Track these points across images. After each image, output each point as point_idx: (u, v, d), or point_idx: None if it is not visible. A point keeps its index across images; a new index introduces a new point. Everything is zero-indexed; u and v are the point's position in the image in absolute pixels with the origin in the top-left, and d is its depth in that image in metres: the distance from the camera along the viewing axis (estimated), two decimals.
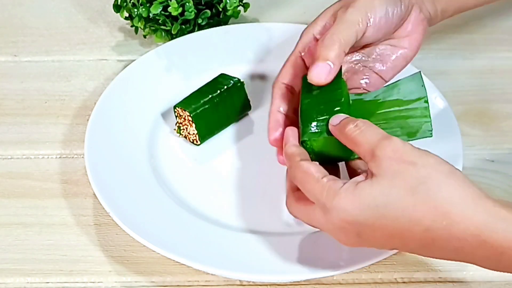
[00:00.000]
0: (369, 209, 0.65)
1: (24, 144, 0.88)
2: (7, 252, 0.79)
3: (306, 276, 0.75)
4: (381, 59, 0.80)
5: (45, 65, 0.96)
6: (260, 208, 0.81)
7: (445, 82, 0.92)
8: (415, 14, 0.79)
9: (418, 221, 0.64)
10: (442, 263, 0.78)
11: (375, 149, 0.66)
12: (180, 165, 0.84)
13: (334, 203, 0.66)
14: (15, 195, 0.83)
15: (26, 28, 1.01)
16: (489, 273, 0.77)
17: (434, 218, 0.64)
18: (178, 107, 0.85)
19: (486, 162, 0.86)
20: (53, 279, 0.77)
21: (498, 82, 0.94)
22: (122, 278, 0.77)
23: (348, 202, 0.66)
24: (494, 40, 0.99)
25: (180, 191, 0.82)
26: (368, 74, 0.80)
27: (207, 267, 0.74)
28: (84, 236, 0.80)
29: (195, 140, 0.86)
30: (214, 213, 0.80)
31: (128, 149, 0.84)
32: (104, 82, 0.94)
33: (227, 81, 0.87)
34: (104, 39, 0.99)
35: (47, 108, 0.91)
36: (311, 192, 0.68)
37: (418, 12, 0.80)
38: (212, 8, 0.97)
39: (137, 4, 0.95)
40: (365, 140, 0.68)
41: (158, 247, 0.74)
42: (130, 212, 0.78)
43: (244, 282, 0.77)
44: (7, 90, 0.93)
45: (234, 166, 0.84)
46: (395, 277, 0.77)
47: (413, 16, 0.79)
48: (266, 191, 0.82)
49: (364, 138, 0.68)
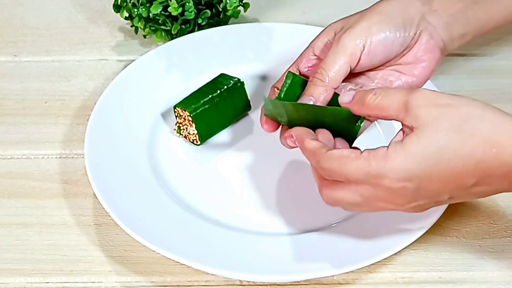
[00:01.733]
0: (424, 160, 0.66)
1: (24, 144, 0.88)
2: (7, 252, 0.79)
3: (306, 276, 0.75)
4: (383, 84, 0.78)
5: (45, 65, 0.96)
6: (260, 208, 0.81)
7: (445, 82, 0.92)
8: (425, 40, 0.77)
9: (471, 156, 0.65)
10: (442, 263, 0.78)
11: (407, 103, 0.66)
12: (180, 165, 0.84)
13: (388, 166, 0.66)
14: (15, 195, 0.83)
15: (26, 28, 1.01)
16: (489, 273, 0.77)
17: (484, 149, 0.65)
18: (178, 107, 0.85)
19: None
20: (53, 279, 0.77)
21: (498, 82, 0.94)
22: (122, 278, 0.77)
23: (402, 160, 0.66)
24: (494, 40, 0.99)
25: (180, 191, 0.82)
26: None
27: (207, 267, 0.74)
28: (84, 236, 0.80)
29: (195, 140, 0.86)
30: (214, 213, 0.80)
31: (128, 149, 0.84)
32: (104, 82, 0.94)
33: (227, 81, 0.87)
34: (104, 39, 0.99)
35: (47, 108, 0.91)
36: (355, 172, 0.67)
37: (427, 39, 0.77)
38: (212, 8, 0.97)
39: (137, 4, 0.95)
40: (392, 101, 0.68)
41: (158, 247, 0.74)
42: (130, 212, 0.78)
43: (244, 282, 0.77)
44: (7, 90, 0.93)
45: (234, 166, 0.84)
46: (395, 277, 0.77)
47: (423, 43, 0.77)
48: (266, 191, 0.82)
49: (389, 100, 0.68)
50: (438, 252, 0.79)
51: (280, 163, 0.84)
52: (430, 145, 0.65)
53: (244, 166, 0.84)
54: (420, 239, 0.77)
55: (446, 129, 0.65)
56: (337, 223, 0.79)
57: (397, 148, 0.66)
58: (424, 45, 0.77)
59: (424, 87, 0.82)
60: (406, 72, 0.78)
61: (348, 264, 0.74)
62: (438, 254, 0.79)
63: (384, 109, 0.68)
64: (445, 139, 0.65)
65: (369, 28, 0.75)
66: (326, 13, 1.02)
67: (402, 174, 0.66)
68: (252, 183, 0.83)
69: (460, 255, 0.79)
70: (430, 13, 0.78)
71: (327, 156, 0.69)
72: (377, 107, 0.68)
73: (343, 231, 0.78)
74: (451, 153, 0.65)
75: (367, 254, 0.74)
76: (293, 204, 0.81)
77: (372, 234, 0.77)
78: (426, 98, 0.67)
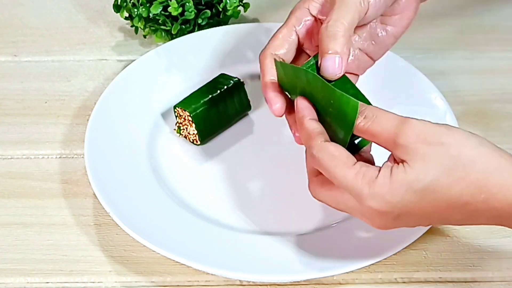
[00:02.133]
0: (407, 195, 0.65)
1: (24, 144, 0.88)
2: (7, 252, 0.79)
3: (306, 276, 0.75)
4: (371, 38, 0.77)
5: (45, 65, 0.96)
6: (260, 208, 0.81)
7: (445, 82, 0.92)
8: None
9: (457, 198, 0.64)
10: (442, 263, 0.78)
11: (395, 138, 0.65)
12: (180, 165, 0.84)
13: (371, 192, 0.65)
14: (15, 195, 0.83)
15: (26, 28, 1.01)
16: (489, 273, 0.77)
17: (472, 193, 0.64)
18: (178, 107, 0.85)
19: None
20: (53, 279, 0.77)
21: (498, 82, 0.94)
22: (122, 278, 0.77)
23: (386, 190, 0.65)
24: (494, 40, 0.99)
25: (180, 191, 0.82)
26: (360, 57, 0.77)
27: (207, 267, 0.74)
28: (84, 236, 0.80)
29: (195, 140, 0.86)
30: (214, 213, 0.80)
31: (128, 149, 0.84)
32: (104, 82, 0.94)
33: (227, 81, 0.87)
34: (104, 39, 0.99)
35: (47, 108, 0.91)
36: (341, 178, 0.66)
37: None
38: (212, 8, 0.97)
39: (137, 4, 0.95)
40: (382, 130, 0.66)
41: (158, 247, 0.74)
42: (130, 212, 0.78)
43: (244, 282, 0.77)
44: (7, 90, 0.93)
45: (234, 166, 0.84)
46: (395, 277, 0.77)
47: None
48: (266, 191, 0.82)
49: (380, 128, 0.66)
50: (438, 252, 0.79)
51: (280, 163, 0.84)
52: (417, 181, 0.64)
53: (244, 166, 0.84)
54: (420, 239, 0.77)
55: (434, 169, 0.64)
56: (337, 223, 0.79)
57: (386, 176, 0.65)
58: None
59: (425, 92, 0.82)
60: (389, 23, 0.76)
61: (348, 264, 0.74)
62: (438, 254, 0.79)
63: (374, 136, 0.67)
64: (432, 179, 0.64)
65: None
66: None
67: (382, 204, 0.65)
68: (252, 183, 0.83)
69: (460, 255, 0.79)
70: None
71: (321, 146, 0.67)
72: (367, 132, 0.67)
73: (343, 231, 0.78)
74: (438, 194, 0.65)
75: (367, 254, 0.74)
76: (293, 204, 0.81)
77: (372, 234, 0.77)
78: (417, 134, 0.64)
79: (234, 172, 0.84)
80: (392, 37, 0.77)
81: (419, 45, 0.98)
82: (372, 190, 0.65)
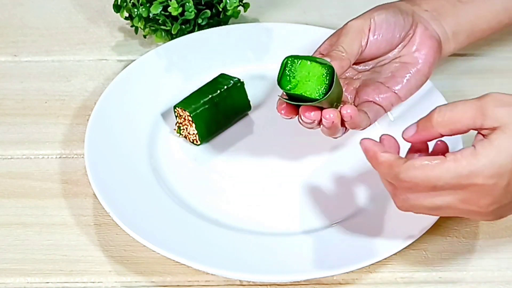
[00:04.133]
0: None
1: (24, 144, 0.88)
2: (7, 252, 0.79)
3: (306, 276, 0.75)
4: (394, 75, 0.81)
5: (45, 65, 0.96)
6: (260, 208, 0.81)
7: (445, 82, 0.92)
8: (421, 30, 0.81)
9: None
10: (442, 263, 0.78)
11: (482, 108, 0.67)
12: (180, 165, 0.84)
13: (481, 163, 0.66)
14: (15, 195, 0.83)
15: (26, 28, 1.01)
16: (489, 273, 0.77)
17: None
18: (178, 107, 0.85)
19: None
20: (53, 279, 0.77)
21: (498, 82, 0.94)
22: (122, 278, 0.77)
23: (494, 155, 0.66)
24: (494, 40, 0.99)
25: (180, 191, 0.82)
26: (382, 90, 0.81)
27: (207, 267, 0.74)
28: (84, 236, 0.80)
29: (195, 140, 0.86)
30: (214, 213, 0.80)
31: (128, 149, 0.84)
32: (104, 82, 0.94)
33: (227, 81, 0.87)
34: (104, 39, 0.99)
35: (47, 108, 0.91)
36: (444, 175, 0.67)
37: (423, 29, 0.81)
38: (212, 8, 0.97)
39: (137, 4, 0.95)
40: (464, 111, 0.68)
41: (158, 247, 0.74)
42: (130, 212, 0.78)
43: (244, 282, 0.77)
44: (7, 90, 0.93)
45: (234, 166, 0.84)
46: (395, 277, 0.77)
47: (419, 32, 0.81)
48: (266, 191, 0.82)
49: (461, 111, 0.68)
50: (438, 252, 0.79)
51: (280, 163, 0.84)
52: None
53: (244, 166, 0.84)
54: (420, 239, 0.77)
55: None
56: (337, 223, 0.79)
57: (486, 145, 0.67)
58: (421, 35, 0.81)
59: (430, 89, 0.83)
60: (410, 61, 0.81)
61: (348, 264, 0.74)
62: (438, 254, 0.79)
63: (458, 121, 0.68)
64: None
65: (371, 13, 0.80)
66: (326, 13, 1.02)
67: (495, 170, 0.66)
68: (252, 183, 0.83)
69: (460, 255, 0.79)
70: (421, 12, 0.83)
71: (407, 167, 0.68)
72: (450, 121, 0.69)
73: (343, 231, 0.78)
74: None
75: (367, 254, 0.74)
76: (293, 204, 0.81)
77: (372, 234, 0.77)
78: (499, 100, 0.67)
79: (234, 172, 0.84)
80: (418, 78, 0.81)
81: None
82: (482, 161, 0.66)
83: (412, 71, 0.81)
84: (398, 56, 0.82)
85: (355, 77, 0.83)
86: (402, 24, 0.80)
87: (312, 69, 0.74)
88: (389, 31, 0.80)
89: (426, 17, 0.83)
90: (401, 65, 0.82)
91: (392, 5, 0.82)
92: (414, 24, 0.81)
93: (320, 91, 0.74)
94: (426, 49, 0.81)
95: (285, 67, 0.75)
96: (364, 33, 0.79)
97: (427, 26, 0.82)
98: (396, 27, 0.80)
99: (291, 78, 0.75)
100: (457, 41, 0.85)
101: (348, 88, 0.82)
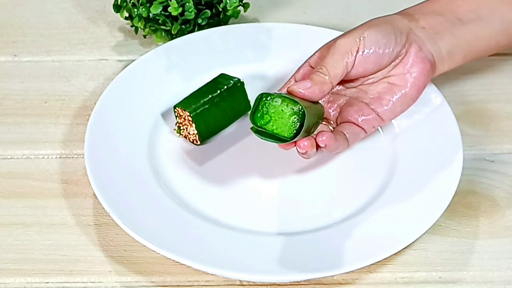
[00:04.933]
0: None
1: (24, 144, 0.88)
2: (7, 252, 0.79)
3: (306, 276, 0.75)
4: (380, 97, 0.80)
5: (45, 65, 0.96)
6: (260, 208, 0.81)
7: (445, 82, 0.92)
8: (414, 51, 0.80)
9: None
10: (442, 263, 0.78)
11: None
12: (180, 165, 0.84)
13: None
14: (15, 195, 0.83)
15: (26, 28, 1.01)
16: (489, 273, 0.77)
17: None
18: (178, 107, 0.85)
19: (486, 162, 0.86)
20: (53, 279, 0.77)
21: (498, 82, 0.94)
22: (122, 278, 0.77)
23: None
24: None
25: (180, 191, 0.82)
26: (366, 112, 0.80)
27: (207, 267, 0.74)
28: (84, 236, 0.80)
29: (195, 140, 0.86)
30: (214, 213, 0.80)
31: (128, 149, 0.84)
32: (104, 82, 0.94)
33: (227, 81, 0.87)
34: (104, 39, 0.99)
35: (47, 108, 0.92)
36: None
37: (417, 50, 0.80)
38: (212, 8, 0.97)
39: (137, 4, 0.95)
40: None
41: (158, 247, 0.74)
42: (130, 212, 0.78)
43: (244, 282, 0.77)
44: (7, 90, 0.93)
45: (234, 166, 0.84)
46: (395, 277, 0.77)
47: (412, 53, 0.80)
48: (265, 191, 0.82)
49: None
50: (438, 252, 0.79)
51: (280, 164, 0.84)
52: None
53: (244, 166, 0.84)
54: (420, 239, 0.77)
55: None
56: (336, 223, 0.79)
57: None
58: (414, 56, 0.80)
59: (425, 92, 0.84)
60: (398, 82, 0.80)
61: (348, 264, 0.74)
62: (438, 254, 0.79)
63: None
64: None
65: (362, 32, 0.78)
66: (326, 13, 1.02)
67: None
68: (252, 183, 0.83)
69: (460, 255, 0.79)
70: (418, 29, 0.81)
71: None
72: None
73: (342, 231, 0.78)
74: None
75: (367, 254, 0.74)
76: (293, 204, 0.81)
77: (372, 234, 0.77)
78: None
79: (234, 172, 0.84)
80: (403, 101, 0.80)
81: None
82: None
83: (399, 94, 0.80)
84: (387, 76, 0.81)
85: (342, 93, 0.82)
86: (393, 45, 0.79)
87: (285, 107, 0.75)
88: (378, 53, 0.78)
89: (422, 35, 0.81)
90: (388, 86, 0.80)
91: (387, 21, 0.80)
92: (408, 43, 0.80)
93: (291, 131, 0.75)
94: (417, 72, 0.80)
95: (259, 103, 0.75)
96: (351, 54, 0.77)
97: (422, 46, 0.80)
98: (386, 48, 0.79)
99: (264, 114, 0.75)
100: (452, 61, 0.83)
101: (332, 104, 0.82)
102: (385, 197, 0.80)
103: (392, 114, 0.81)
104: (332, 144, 0.76)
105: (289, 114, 0.75)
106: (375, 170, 0.83)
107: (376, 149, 0.85)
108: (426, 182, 0.80)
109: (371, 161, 0.84)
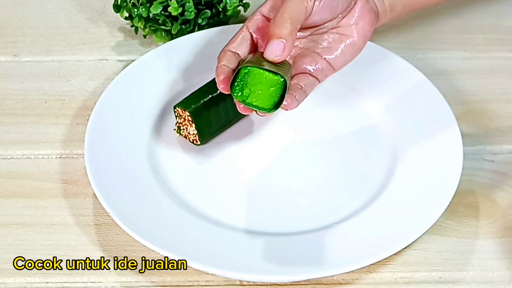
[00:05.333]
0: None
1: (24, 144, 0.88)
2: (7, 252, 0.79)
3: (306, 276, 0.75)
4: (330, 47, 0.81)
5: (45, 65, 0.96)
6: (260, 208, 0.81)
7: (445, 82, 0.92)
8: (361, 3, 0.82)
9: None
10: (442, 263, 0.78)
11: None
12: (180, 165, 0.84)
13: None
14: (15, 195, 0.83)
15: (26, 28, 1.01)
16: (489, 273, 0.77)
17: None
18: (178, 107, 0.85)
19: (486, 162, 0.86)
20: (53, 279, 0.77)
21: (498, 82, 0.94)
22: (122, 278, 0.77)
23: None
24: (494, 40, 0.99)
25: (180, 191, 0.82)
26: (319, 62, 0.81)
27: (207, 267, 0.74)
28: (84, 236, 0.80)
29: (195, 140, 0.86)
30: (214, 213, 0.80)
31: (128, 149, 0.84)
32: (104, 82, 0.94)
33: None
34: (104, 39, 0.99)
35: (47, 108, 0.91)
36: None
37: (364, 2, 0.82)
38: (212, 8, 0.97)
39: (137, 4, 0.95)
40: None
41: (158, 247, 0.74)
42: (130, 212, 0.78)
43: (244, 282, 0.77)
44: (7, 90, 0.93)
45: (234, 166, 0.84)
46: (395, 277, 0.77)
47: (359, 5, 0.82)
48: (266, 191, 0.82)
49: None
50: (438, 252, 0.79)
51: (280, 164, 0.84)
52: None
53: (244, 166, 0.84)
54: (420, 239, 0.77)
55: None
56: (337, 223, 0.79)
57: None
58: (361, 8, 0.82)
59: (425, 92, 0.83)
60: (347, 33, 0.82)
61: (348, 264, 0.74)
62: (438, 254, 0.79)
63: None
64: None
65: None
66: None
67: None
68: (252, 183, 0.83)
69: (460, 255, 0.79)
70: None
71: None
72: None
73: (343, 231, 0.78)
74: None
75: (367, 254, 0.74)
76: (293, 204, 0.81)
77: (372, 234, 0.77)
78: None
79: (234, 172, 0.84)
80: (351, 49, 0.82)
81: (419, 45, 0.98)
82: None
83: (347, 43, 0.82)
84: (336, 26, 0.82)
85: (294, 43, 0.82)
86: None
87: (265, 80, 0.75)
88: (332, 3, 0.80)
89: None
90: (338, 36, 0.82)
91: None
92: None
93: (271, 102, 0.75)
94: (364, 23, 0.82)
95: (237, 76, 0.75)
96: (310, 3, 0.78)
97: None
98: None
99: (244, 87, 0.75)
100: (392, 13, 0.86)
101: None
102: (385, 197, 0.80)
103: (342, 64, 0.82)
104: (294, 105, 0.77)
105: (269, 86, 0.75)
106: (375, 170, 0.83)
107: (376, 149, 0.85)
108: (426, 182, 0.80)
109: (371, 161, 0.84)
